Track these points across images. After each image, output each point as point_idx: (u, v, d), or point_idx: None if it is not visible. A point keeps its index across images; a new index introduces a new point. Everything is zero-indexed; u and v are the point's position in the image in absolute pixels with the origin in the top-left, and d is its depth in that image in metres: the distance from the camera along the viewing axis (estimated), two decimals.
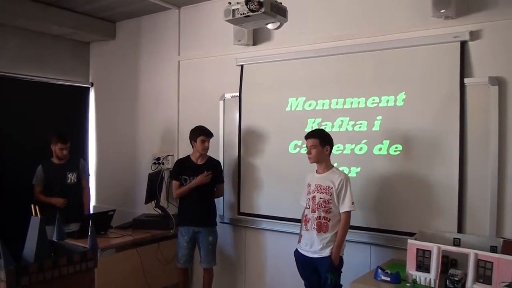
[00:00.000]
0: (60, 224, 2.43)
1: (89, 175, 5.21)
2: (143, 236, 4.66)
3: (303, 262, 3.73)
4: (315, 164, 3.74)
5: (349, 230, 4.01)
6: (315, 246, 3.60)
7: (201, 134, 4.47)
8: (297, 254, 3.79)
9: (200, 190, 4.44)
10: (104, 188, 6.12)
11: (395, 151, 3.90)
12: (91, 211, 5.63)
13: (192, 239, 4.51)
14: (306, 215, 3.71)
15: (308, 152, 3.69)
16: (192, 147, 4.54)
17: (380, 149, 3.97)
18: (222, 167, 4.84)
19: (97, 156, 6.24)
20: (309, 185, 3.73)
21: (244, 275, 4.87)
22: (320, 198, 3.60)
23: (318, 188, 3.63)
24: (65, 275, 2.11)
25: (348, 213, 3.57)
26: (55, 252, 2.29)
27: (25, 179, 4.82)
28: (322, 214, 3.58)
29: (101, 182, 6.16)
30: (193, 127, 4.56)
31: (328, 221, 3.57)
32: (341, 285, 3.66)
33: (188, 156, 4.63)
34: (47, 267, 2.04)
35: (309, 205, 3.68)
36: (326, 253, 3.56)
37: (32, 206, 2.21)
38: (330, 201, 3.57)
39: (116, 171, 5.95)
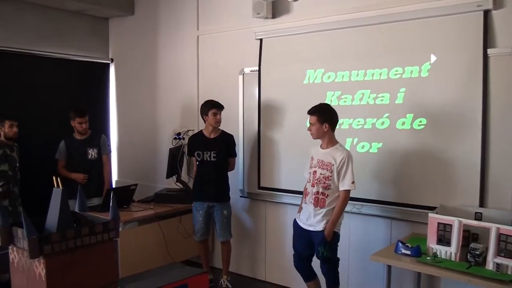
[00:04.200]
0: (82, 196, 2.47)
1: (110, 151, 5.26)
2: (165, 210, 4.74)
3: (299, 233, 3.79)
4: None
5: (370, 204, 4.04)
6: (311, 219, 3.64)
7: (212, 107, 4.46)
8: (295, 224, 3.84)
9: (214, 166, 4.47)
10: (126, 163, 6.20)
11: (419, 125, 3.80)
12: (114, 186, 5.71)
13: (207, 214, 4.57)
14: (306, 188, 3.74)
15: (309, 129, 3.69)
16: (204, 121, 4.55)
17: (403, 124, 3.88)
18: (242, 141, 4.86)
19: (119, 131, 6.30)
20: (312, 158, 3.73)
21: (265, 249, 4.91)
22: (321, 174, 3.60)
23: (320, 164, 3.63)
24: (87, 245, 2.15)
25: (347, 192, 3.55)
26: (77, 223, 2.33)
27: (47, 154, 4.92)
28: (321, 190, 3.59)
29: (123, 157, 6.24)
30: None
31: (326, 197, 3.58)
32: (338, 258, 3.71)
33: (201, 131, 4.66)
34: (69, 236, 2.08)
35: (310, 179, 3.69)
36: (320, 227, 3.59)
37: (53, 178, 2.25)
38: (330, 177, 3.56)
39: (138, 146, 6.01)
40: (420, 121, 3.79)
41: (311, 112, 3.67)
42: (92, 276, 2.20)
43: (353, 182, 3.52)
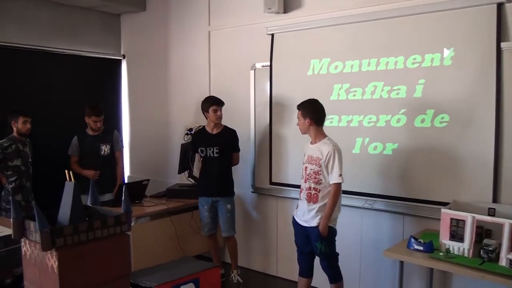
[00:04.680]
0: (94, 190, 2.49)
1: (123, 146, 5.31)
2: (176, 205, 4.77)
3: (298, 229, 3.79)
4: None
5: (382, 199, 4.00)
6: (305, 215, 3.64)
7: (213, 103, 4.49)
8: (293, 221, 3.84)
9: (217, 162, 4.49)
10: (138, 158, 6.23)
11: (440, 122, 3.62)
12: (126, 181, 5.75)
13: (213, 208, 4.61)
14: (301, 184, 3.73)
15: (297, 124, 3.71)
16: (206, 118, 4.57)
17: (422, 121, 3.70)
18: (253, 136, 4.87)
19: (131, 127, 6.34)
20: (304, 154, 3.73)
21: (276, 244, 4.91)
22: (311, 169, 3.59)
23: (309, 159, 3.62)
24: (99, 238, 2.16)
25: (336, 185, 3.51)
26: (89, 217, 2.35)
27: (60, 149, 4.96)
28: (312, 185, 3.58)
29: (135, 153, 6.27)
30: (224, 97, 4.57)
31: (318, 192, 3.57)
32: (337, 253, 3.70)
33: (203, 127, 4.68)
34: (81, 229, 2.09)
35: (302, 175, 3.69)
36: (314, 223, 3.58)
37: (66, 171, 2.27)
38: (319, 172, 3.54)
39: (150, 142, 6.04)
40: (442, 118, 3.60)
41: (297, 107, 3.70)
42: (105, 269, 2.21)
43: (340, 175, 3.48)
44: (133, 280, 2.94)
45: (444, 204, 3.43)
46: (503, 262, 2.86)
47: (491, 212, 3.30)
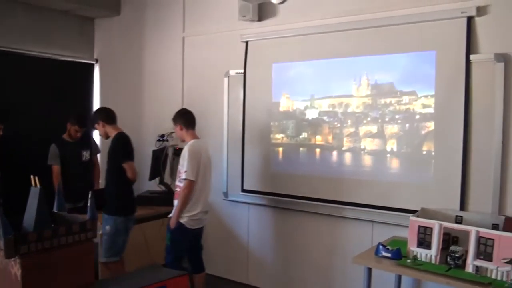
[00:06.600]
0: (61, 195, 2.45)
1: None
2: (147, 212, 4.71)
3: None
4: None
5: (352, 207, 4.05)
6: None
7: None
8: None
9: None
10: None
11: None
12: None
13: None
14: None
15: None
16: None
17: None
18: (226, 143, 4.90)
19: None
20: None
21: (247, 252, 4.90)
22: (178, 170, 3.87)
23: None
24: (64, 245, 2.13)
25: (185, 181, 3.76)
26: (55, 223, 2.30)
27: (30, 152, 4.88)
28: (178, 183, 3.90)
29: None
30: (197, 103, 4.59)
31: (180, 189, 3.83)
32: (179, 253, 3.92)
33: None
34: (46, 236, 2.05)
35: None
36: (170, 214, 3.90)
37: (31, 177, 2.22)
38: (181, 171, 3.81)
39: None
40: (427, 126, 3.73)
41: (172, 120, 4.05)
42: (69, 277, 2.17)
43: (185, 171, 3.74)
44: None
45: (413, 211, 3.47)
46: (469, 268, 2.90)
47: (458, 220, 3.36)
